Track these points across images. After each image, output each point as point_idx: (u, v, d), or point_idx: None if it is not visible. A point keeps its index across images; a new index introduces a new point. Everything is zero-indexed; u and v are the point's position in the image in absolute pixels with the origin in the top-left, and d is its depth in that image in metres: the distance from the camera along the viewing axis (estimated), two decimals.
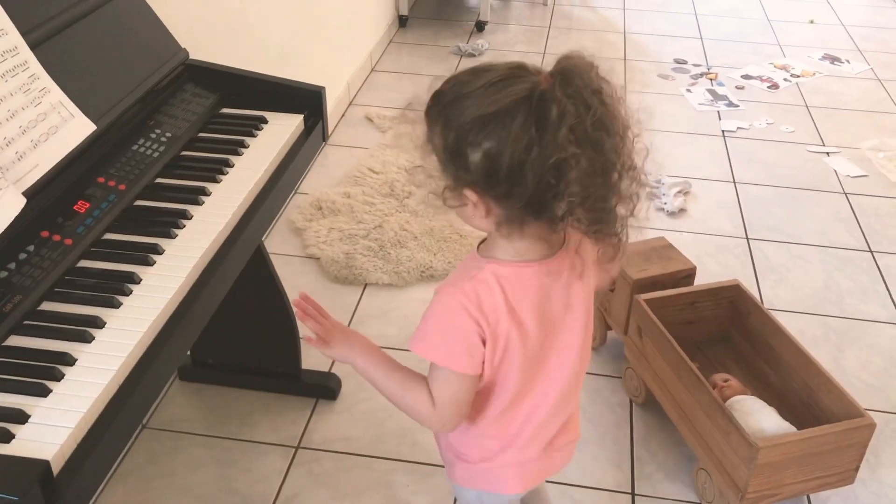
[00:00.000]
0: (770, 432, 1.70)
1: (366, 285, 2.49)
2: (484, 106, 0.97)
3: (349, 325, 2.35)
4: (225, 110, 1.68)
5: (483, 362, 1.10)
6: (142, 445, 1.98)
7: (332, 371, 2.16)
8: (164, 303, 1.17)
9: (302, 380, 2.11)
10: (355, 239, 2.63)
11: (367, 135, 3.33)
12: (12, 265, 1.17)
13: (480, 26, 4.35)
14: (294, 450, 1.97)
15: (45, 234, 1.24)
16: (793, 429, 1.74)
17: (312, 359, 2.20)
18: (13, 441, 0.95)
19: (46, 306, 1.16)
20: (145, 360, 1.11)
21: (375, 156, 3.11)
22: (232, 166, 1.51)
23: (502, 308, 1.07)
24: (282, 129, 1.63)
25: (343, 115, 3.48)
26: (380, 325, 2.35)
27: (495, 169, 0.98)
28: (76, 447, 0.98)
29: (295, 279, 2.51)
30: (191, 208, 1.38)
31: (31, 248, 1.21)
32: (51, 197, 1.29)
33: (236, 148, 1.55)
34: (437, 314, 1.10)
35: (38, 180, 1.25)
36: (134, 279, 1.21)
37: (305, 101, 1.70)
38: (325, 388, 2.10)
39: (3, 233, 1.17)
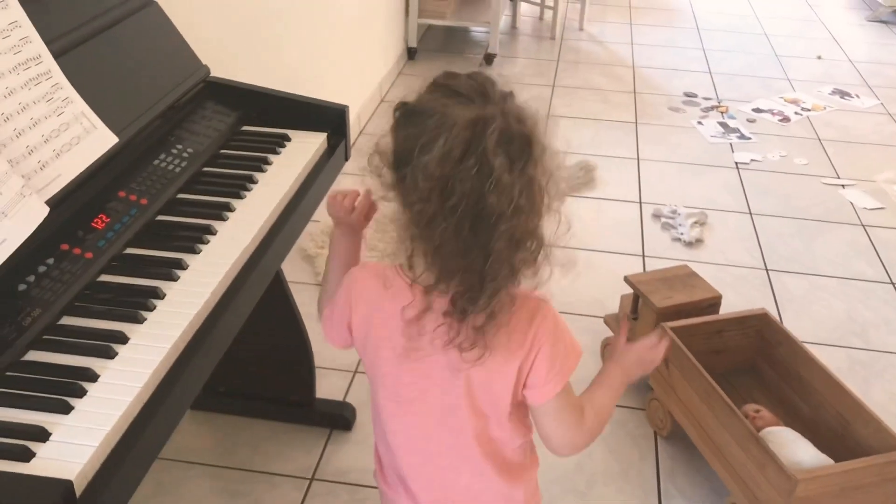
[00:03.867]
0: (807, 465, 1.64)
1: None
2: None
3: None
4: (246, 128, 1.65)
5: None
6: (150, 476, 1.89)
7: (347, 400, 2.10)
8: (190, 318, 1.12)
9: (316, 409, 2.04)
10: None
11: None
12: (31, 278, 1.12)
13: (489, 59, 4.35)
14: (308, 482, 1.90)
15: (65, 247, 1.19)
16: (830, 461, 1.67)
17: (326, 388, 2.14)
18: (34, 460, 0.89)
19: (67, 321, 1.11)
20: (171, 377, 1.05)
21: None
22: (256, 182, 1.47)
23: None
24: (305, 146, 1.59)
25: (353, 144, 3.44)
26: None
27: None
28: (100, 467, 0.92)
29: (307, 307, 2.44)
30: (215, 223, 1.34)
31: (51, 261, 1.16)
32: (71, 209, 1.24)
33: (260, 164, 1.51)
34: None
35: (60, 191, 1.20)
36: (158, 294, 1.16)
37: (328, 119, 1.66)
38: (339, 417, 2.03)
39: (22, 245, 1.12)
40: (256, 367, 2.02)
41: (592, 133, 3.66)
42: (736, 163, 3.42)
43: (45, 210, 1.10)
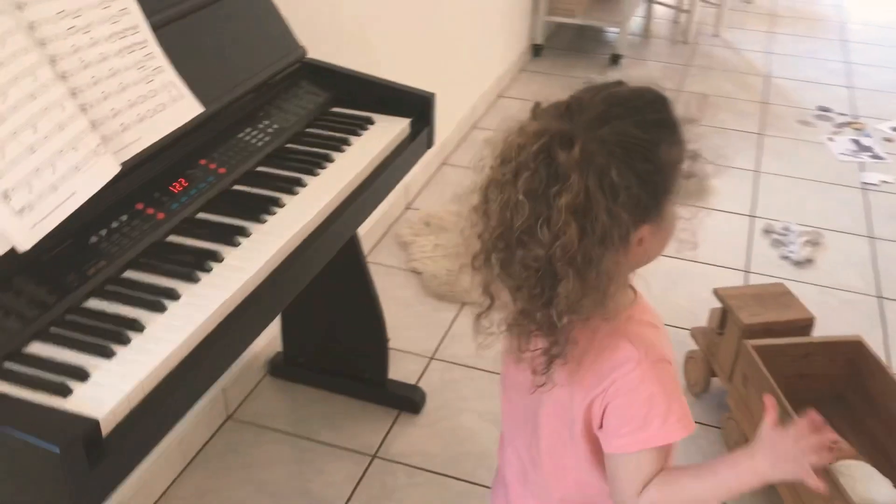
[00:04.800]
0: (880, 503, 1.54)
1: (463, 304, 2.45)
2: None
3: (441, 341, 2.31)
4: (335, 109, 1.69)
5: None
6: (225, 435, 2.00)
7: (419, 385, 2.13)
8: (241, 283, 1.17)
9: (387, 389, 2.08)
10: (459, 257, 2.60)
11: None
12: (104, 232, 1.20)
13: (615, 59, 4.27)
14: (370, 458, 1.94)
15: (139, 206, 1.26)
16: None
17: (402, 371, 2.18)
18: (70, 396, 0.96)
19: (129, 274, 1.18)
20: (213, 338, 1.10)
21: None
22: (332, 161, 1.51)
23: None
24: (386, 130, 1.62)
25: (465, 137, 3.48)
26: (472, 344, 2.30)
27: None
28: (129, 412, 0.97)
29: (395, 291, 2.50)
30: (284, 197, 1.39)
31: (125, 217, 1.23)
32: (153, 172, 1.32)
33: (339, 145, 1.55)
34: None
35: (140, 153, 1.28)
36: (217, 257, 1.22)
37: (414, 106, 1.69)
38: (409, 400, 2.06)
39: (100, 202, 1.20)
40: (334, 344, 2.08)
41: (714, 141, 3.53)
42: (863, 183, 3.22)
43: (117, 169, 1.17)
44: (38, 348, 1.03)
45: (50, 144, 1.08)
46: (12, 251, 1.05)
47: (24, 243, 1.04)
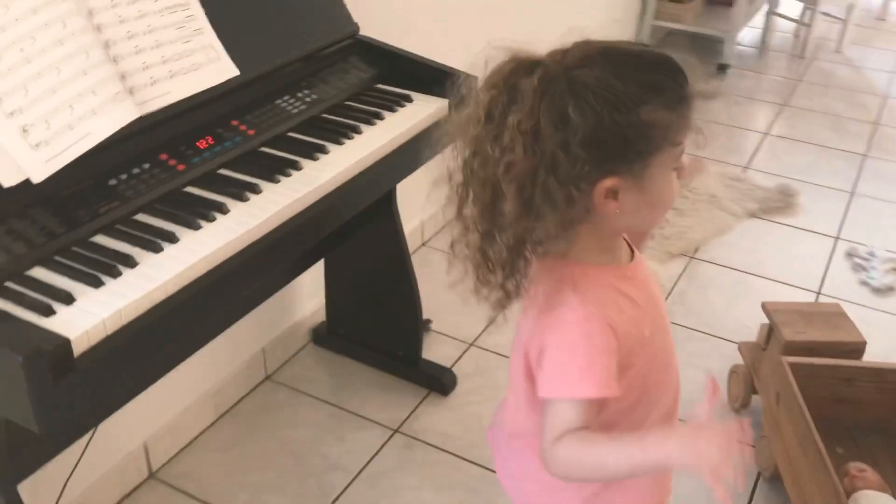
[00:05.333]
0: None
1: None
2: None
3: (484, 329, 2.32)
4: (379, 86, 1.74)
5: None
6: (260, 394, 2.09)
7: (453, 368, 2.15)
8: (236, 235, 1.23)
9: (420, 368, 2.11)
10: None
11: None
12: (123, 176, 1.28)
13: (722, 69, 4.15)
14: (392, 432, 1.98)
15: (163, 157, 1.35)
16: None
17: (439, 352, 2.21)
18: (52, 317, 1.04)
19: (140, 217, 1.26)
20: (198, 284, 1.16)
21: None
22: (360, 133, 1.55)
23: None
24: (421, 109, 1.65)
25: None
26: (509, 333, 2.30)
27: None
28: (104, 338, 1.04)
29: (448, 277, 2.52)
30: (304, 161, 1.44)
31: (147, 166, 1.32)
32: (182, 128, 1.40)
33: (370, 118, 1.60)
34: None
35: (172, 109, 1.36)
36: (222, 209, 1.28)
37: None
38: (438, 380, 2.09)
39: (125, 149, 1.29)
40: (373, 318, 2.13)
41: (811, 159, 3.39)
42: None
43: (134, 116, 1.25)
44: (39, 272, 1.12)
45: (71, 87, 1.17)
46: (31, 184, 1.14)
47: (38, 175, 1.13)
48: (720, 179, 3.11)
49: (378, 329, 2.13)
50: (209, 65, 1.42)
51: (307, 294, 2.21)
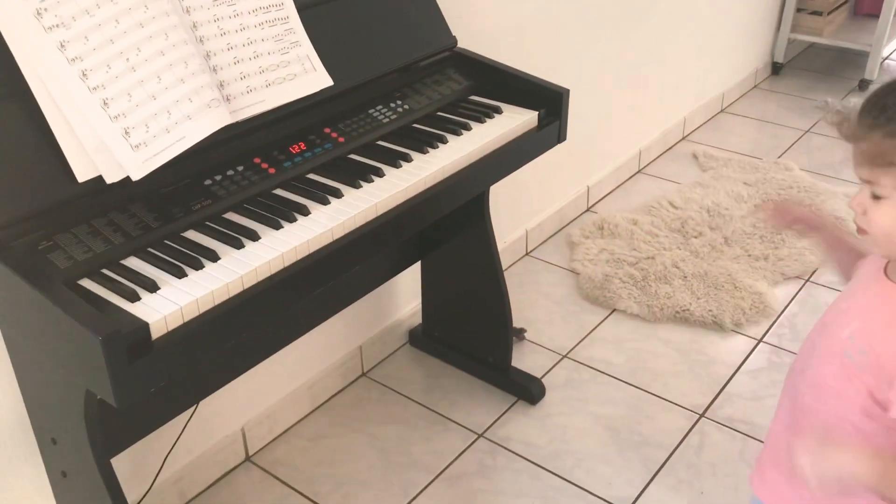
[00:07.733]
0: None
1: (613, 310, 2.44)
2: None
3: (579, 342, 2.33)
4: (473, 97, 1.79)
5: None
6: (355, 389, 2.18)
7: (543, 379, 2.17)
8: (313, 236, 1.30)
9: (509, 376, 2.14)
10: (621, 264, 2.58)
11: (686, 171, 3.23)
12: (219, 177, 1.39)
13: (864, 85, 3.94)
14: (476, 437, 2.02)
15: (257, 160, 1.45)
16: None
17: (531, 362, 2.23)
18: (137, 302, 1.14)
19: (229, 215, 1.36)
20: (273, 280, 1.24)
21: (683, 192, 3.01)
22: (445, 143, 1.60)
23: None
24: (509, 121, 1.69)
25: (670, 148, 3.41)
26: (609, 351, 2.29)
27: None
28: (182, 324, 1.14)
29: (549, 287, 2.55)
30: (387, 168, 1.50)
31: (241, 168, 1.42)
32: (277, 134, 1.50)
33: (458, 129, 1.64)
34: None
35: (268, 117, 1.46)
36: (304, 211, 1.36)
37: (546, 100, 1.74)
38: (526, 389, 2.11)
39: (222, 153, 1.40)
40: (462, 324, 2.18)
41: None
42: None
43: (226, 122, 1.35)
44: (132, 262, 1.23)
45: (169, 94, 1.28)
46: (131, 181, 1.26)
47: (137, 173, 1.25)
48: (846, 201, 2.96)
49: (469, 334, 2.17)
50: (304, 75, 1.52)
51: (407, 295, 2.29)
